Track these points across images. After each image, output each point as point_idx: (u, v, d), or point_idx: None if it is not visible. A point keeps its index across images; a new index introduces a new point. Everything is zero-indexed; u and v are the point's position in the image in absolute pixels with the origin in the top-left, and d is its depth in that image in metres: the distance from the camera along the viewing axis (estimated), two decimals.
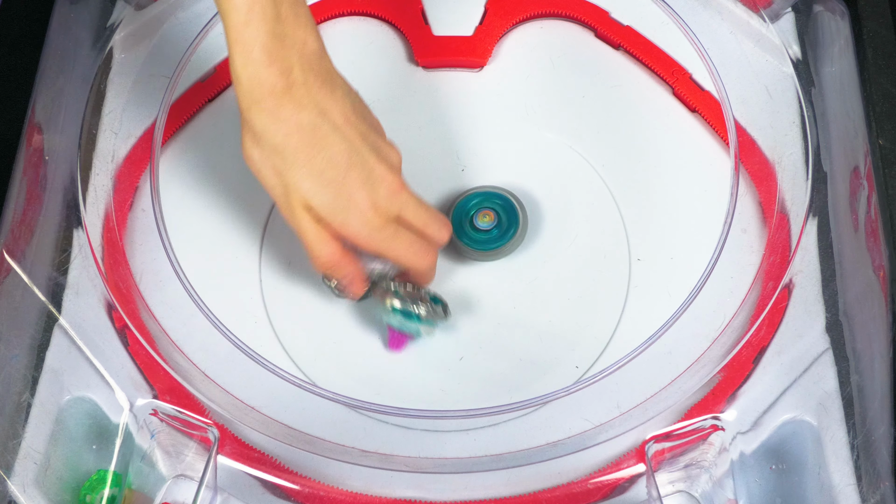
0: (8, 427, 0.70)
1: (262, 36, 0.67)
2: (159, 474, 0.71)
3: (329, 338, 0.78)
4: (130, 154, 0.82)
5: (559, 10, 0.90)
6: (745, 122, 0.83)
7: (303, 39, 0.69)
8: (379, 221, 0.71)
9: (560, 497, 0.71)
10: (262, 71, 0.68)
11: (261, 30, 0.67)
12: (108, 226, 0.79)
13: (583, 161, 0.84)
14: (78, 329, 0.74)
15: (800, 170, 0.80)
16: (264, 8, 0.67)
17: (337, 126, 0.70)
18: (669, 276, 0.79)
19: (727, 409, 0.72)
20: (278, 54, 0.68)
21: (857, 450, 0.69)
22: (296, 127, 0.69)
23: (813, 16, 0.85)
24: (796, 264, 0.76)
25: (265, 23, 0.67)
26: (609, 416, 0.73)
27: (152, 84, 0.85)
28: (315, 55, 0.70)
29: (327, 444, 0.72)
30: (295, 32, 0.68)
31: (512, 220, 0.80)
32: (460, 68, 0.89)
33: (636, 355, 0.71)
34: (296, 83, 0.69)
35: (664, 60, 0.87)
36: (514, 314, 0.79)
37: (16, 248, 0.75)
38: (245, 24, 0.67)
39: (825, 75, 0.83)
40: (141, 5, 0.87)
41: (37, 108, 0.81)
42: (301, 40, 0.69)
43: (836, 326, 0.74)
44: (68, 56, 0.84)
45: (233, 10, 0.67)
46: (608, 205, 0.83)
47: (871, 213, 0.76)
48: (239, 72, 0.68)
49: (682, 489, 0.70)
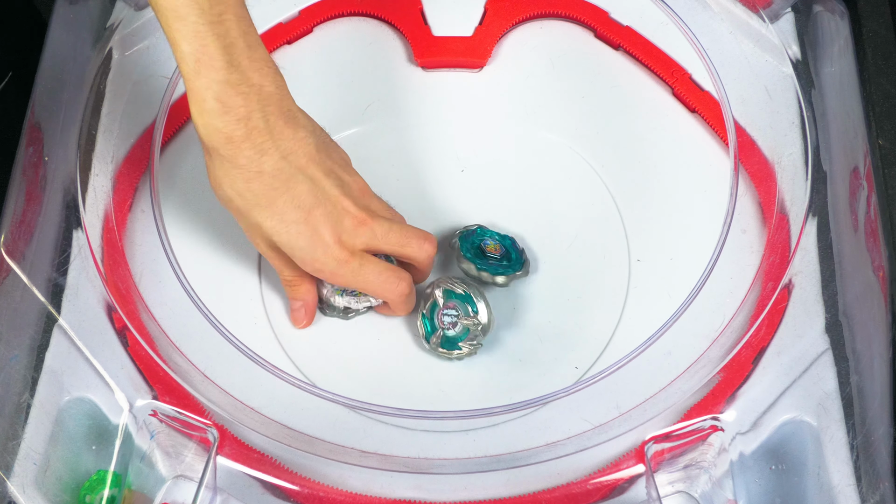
0: (8, 427, 0.70)
1: (215, 85, 0.67)
2: (159, 475, 0.71)
3: (329, 338, 0.78)
4: (130, 155, 0.82)
5: (559, 11, 0.90)
6: (745, 123, 0.83)
7: (259, 83, 0.68)
8: (344, 255, 0.72)
9: (560, 497, 0.71)
10: (217, 120, 0.67)
11: (212, 79, 0.66)
12: (108, 226, 0.79)
13: (583, 161, 0.84)
14: (77, 330, 0.74)
15: (799, 170, 0.80)
16: (213, 58, 0.66)
17: (300, 167, 0.70)
18: (669, 276, 0.79)
19: (727, 409, 0.72)
20: (233, 102, 0.67)
21: (857, 450, 0.69)
22: (256, 173, 0.69)
23: (812, 16, 0.85)
24: (796, 264, 0.76)
25: (216, 72, 0.66)
26: (608, 416, 0.73)
27: (152, 84, 0.85)
28: (274, 97, 0.69)
29: (327, 445, 0.72)
30: (251, 77, 0.68)
31: (516, 259, 0.80)
32: (460, 68, 0.89)
33: (636, 356, 0.71)
34: (256, 129, 0.68)
35: (664, 61, 0.87)
36: (513, 314, 0.79)
37: (15, 248, 0.75)
38: (195, 73, 0.66)
39: (825, 75, 0.83)
40: (141, 5, 0.87)
41: (37, 108, 0.81)
42: (258, 85, 0.68)
43: (835, 327, 0.74)
44: (68, 56, 0.84)
45: (181, 61, 0.66)
46: (608, 205, 0.83)
47: (871, 213, 0.76)
48: (196, 120, 0.68)
49: (681, 489, 0.70)
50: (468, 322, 0.76)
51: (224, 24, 0.66)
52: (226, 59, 0.67)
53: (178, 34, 0.66)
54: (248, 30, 0.68)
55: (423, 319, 0.76)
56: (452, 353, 0.76)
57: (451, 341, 0.76)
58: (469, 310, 0.76)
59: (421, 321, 0.76)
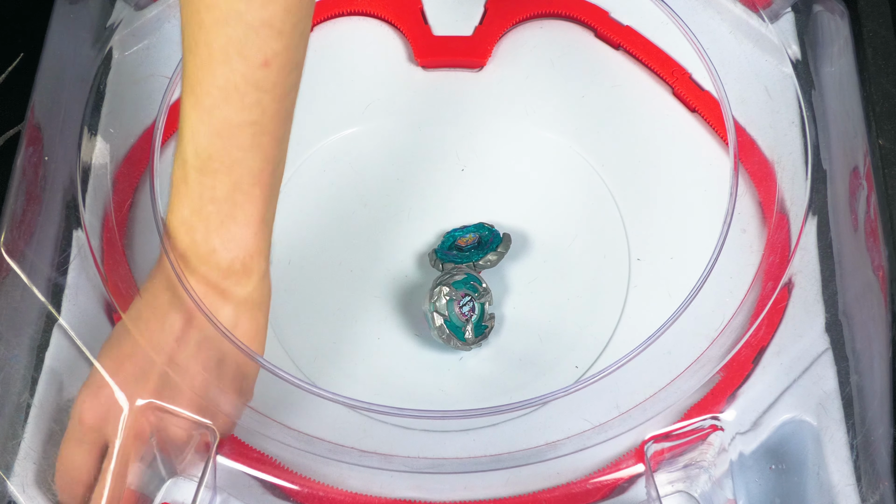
0: (7, 427, 0.70)
1: (185, 210, 0.66)
2: (159, 474, 0.71)
3: (329, 338, 0.78)
4: (130, 154, 0.82)
5: (559, 10, 0.90)
6: (745, 122, 0.83)
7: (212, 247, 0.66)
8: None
9: (559, 497, 0.71)
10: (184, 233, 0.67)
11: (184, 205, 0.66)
12: (108, 226, 0.79)
13: (583, 161, 0.84)
14: (77, 329, 0.74)
15: (799, 169, 0.80)
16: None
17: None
18: (669, 275, 0.79)
19: (726, 409, 0.72)
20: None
21: (857, 450, 0.69)
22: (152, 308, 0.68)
23: (812, 16, 0.85)
24: (796, 264, 0.76)
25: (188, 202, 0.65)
26: (608, 416, 0.73)
27: (152, 84, 0.85)
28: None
29: (326, 445, 0.72)
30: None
31: (493, 238, 0.80)
32: (460, 68, 0.89)
33: (636, 355, 0.71)
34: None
35: (664, 60, 0.87)
36: (513, 314, 0.79)
37: (15, 248, 0.75)
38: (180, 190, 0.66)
39: (825, 75, 0.83)
40: (141, 5, 0.87)
41: (36, 108, 0.81)
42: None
43: (835, 326, 0.74)
44: (68, 56, 0.84)
45: (180, 167, 0.65)
46: (608, 205, 0.83)
47: (871, 212, 0.76)
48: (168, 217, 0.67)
49: (681, 489, 0.70)
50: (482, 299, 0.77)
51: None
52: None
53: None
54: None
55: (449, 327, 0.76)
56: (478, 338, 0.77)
57: (478, 327, 0.77)
58: (476, 286, 0.77)
59: (448, 332, 0.76)
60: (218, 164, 0.63)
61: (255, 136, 0.63)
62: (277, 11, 0.60)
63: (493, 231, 0.80)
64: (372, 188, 0.84)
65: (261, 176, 0.64)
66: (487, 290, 0.78)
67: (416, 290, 0.80)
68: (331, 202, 0.83)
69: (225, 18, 0.60)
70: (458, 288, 0.77)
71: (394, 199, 0.83)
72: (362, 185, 0.84)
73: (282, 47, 0.61)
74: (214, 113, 0.62)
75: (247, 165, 0.63)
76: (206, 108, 0.62)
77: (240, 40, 0.60)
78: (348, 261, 0.81)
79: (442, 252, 0.79)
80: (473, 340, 0.76)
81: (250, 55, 0.60)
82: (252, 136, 0.63)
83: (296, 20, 0.62)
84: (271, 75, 0.61)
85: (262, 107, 0.62)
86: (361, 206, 0.83)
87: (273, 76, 0.62)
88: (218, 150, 0.63)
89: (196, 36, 0.61)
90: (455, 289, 0.76)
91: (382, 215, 0.83)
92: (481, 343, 0.77)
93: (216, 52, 0.60)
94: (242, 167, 0.63)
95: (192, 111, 0.62)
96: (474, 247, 0.79)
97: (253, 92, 0.61)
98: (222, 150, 0.63)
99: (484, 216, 0.82)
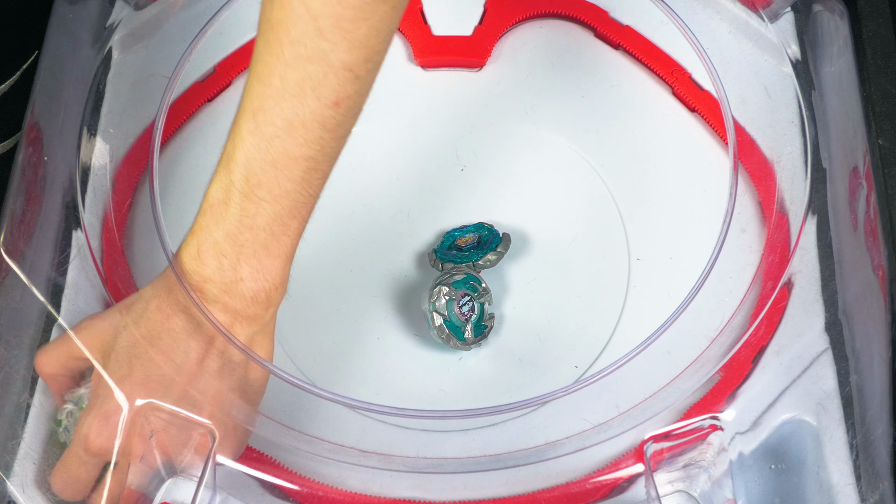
0: (7, 427, 0.70)
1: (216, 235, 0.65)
2: (158, 474, 0.71)
3: (329, 338, 0.78)
4: (129, 154, 0.82)
5: (559, 10, 0.90)
6: (745, 122, 0.83)
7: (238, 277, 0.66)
8: None
9: (559, 497, 0.71)
10: (190, 260, 0.67)
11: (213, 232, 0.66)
12: (107, 226, 0.79)
13: (582, 161, 0.84)
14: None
15: (799, 169, 0.80)
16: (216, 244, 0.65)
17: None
18: (669, 275, 0.79)
19: (726, 408, 0.72)
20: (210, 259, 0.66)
21: (857, 449, 0.69)
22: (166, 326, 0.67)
23: (812, 15, 0.85)
24: (795, 264, 0.76)
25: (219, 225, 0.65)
26: (608, 415, 0.73)
27: (152, 84, 0.85)
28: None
29: (326, 445, 0.72)
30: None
31: (492, 238, 0.80)
32: (460, 68, 0.89)
33: (635, 355, 0.71)
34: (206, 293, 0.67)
35: (664, 60, 0.87)
36: (513, 314, 0.79)
37: (15, 248, 0.75)
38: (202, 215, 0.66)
39: (824, 75, 0.83)
40: (140, 5, 0.87)
41: (36, 108, 0.81)
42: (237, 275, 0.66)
43: (835, 326, 0.74)
44: (67, 56, 0.84)
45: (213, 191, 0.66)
46: (608, 205, 0.83)
47: (871, 212, 0.76)
48: (183, 240, 0.67)
49: (680, 489, 0.70)
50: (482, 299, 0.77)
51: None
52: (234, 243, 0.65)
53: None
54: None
55: (449, 327, 0.76)
56: (478, 338, 0.77)
57: (477, 327, 0.77)
58: (476, 286, 0.77)
59: (448, 332, 0.76)
60: (265, 193, 0.64)
61: (308, 171, 0.64)
62: (359, 58, 0.61)
63: (492, 231, 0.80)
64: (372, 188, 0.84)
65: (301, 210, 0.65)
66: (487, 290, 0.78)
67: (416, 290, 0.80)
68: (331, 202, 0.83)
69: (308, 56, 0.60)
70: (457, 288, 0.77)
71: (394, 199, 0.83)
72: (362, 185, 0.84)
73: (354, 91, 0.62)
74: (274, 143, 0.62)
75: (292, 198, 0.64)
76: (265, 136, 0.62)
77: (318, 79, 0.61)
78: (348, 261, 0.81)
79: (442, 252, 0.79)
80: (473, 340, 0.76)
81: (324, 94, 0.61)
82: (305, 171, 0.63)
83: (372, 66, 0.63)
84: (338, 116, 0.62)
85: (321, 144, 0.63)
86: (361, 206, 0.83)
87: (339, 117, 0.63)
88: (269, 180, 0.63)
89: (272, 67, 0.61)
90: (455, 289, 0.76)
91: (382, 215, 0.83)
92: (481, 343, 0.77)
93: (290, 86, 0.61)
94: (288, 199, 0.64)
95: (249, 136, 0.63)
96: (474, 247, 0.79)
97: (318, 129, 0.62)
98: (273, 180, 0.63)
99: (483, 216, 0.82)
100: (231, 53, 0.88)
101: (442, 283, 0.76)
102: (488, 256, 0.78)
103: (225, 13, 0.84)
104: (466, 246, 0.79)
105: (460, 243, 0.79)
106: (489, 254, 0.78)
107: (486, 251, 0.78)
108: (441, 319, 0.76)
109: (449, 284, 0.76)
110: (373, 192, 0.84)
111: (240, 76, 0.88)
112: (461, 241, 0.80)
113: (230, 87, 0.87)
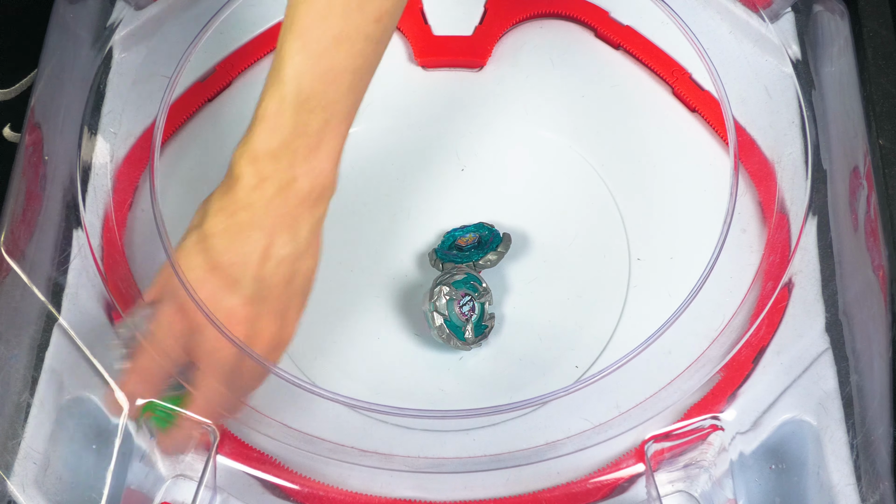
0: (8, 427, 0.70)
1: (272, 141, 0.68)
2: (159, 474, 0.71)
3: (329, 338, 0.78)
4: (130, 154, 0.82)
5: (559, 10, 0.90)
6: (745, 122, 0.83)
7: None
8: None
9: (559, 497, 0.71)
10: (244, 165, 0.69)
11: (273, 137, 0.68)
12: (108, 226, 0.79)
13: (583, 161, 0.84)
14: (77, 329, 0.74)
15: (799, 169, 0.80)
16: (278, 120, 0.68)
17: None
18: (669, 275, 0.79)
19: (727, 408, 0.72)
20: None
21: (857, 449, 0.69)
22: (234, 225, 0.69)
23: (812, 16, 0.85)
24: (796, 264, 0.76)
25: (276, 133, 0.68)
26: (608, 415, 0.73)
27: (152, 84, 0.84)
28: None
29: (327, 444, 0.72)
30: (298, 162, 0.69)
31: (493, 237, 0.80)
32: (460, 68, 0.89)
33: (636, 355, 0.71)
34: (260, 199, 0.69)
35: (664, 60, 0.87)
36: (513, 314, 0.79)
37: (15, 248, 0.75)
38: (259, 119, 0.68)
39: (825, 75, 0.83)
40: (141, 5, 0.87)
41: (36, 108, 0.81)
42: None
43: (835, 326, 0.74)
44: (68, 56, 0.84)
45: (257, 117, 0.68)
46: (608, 205, 0.83)
47: (871, 212, 0.76)
48: (236, 150, 0.69)
49: (681, 489, 0.70)
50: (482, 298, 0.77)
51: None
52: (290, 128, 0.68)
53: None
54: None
55: (449, 327, 0.76)
56: (478, 338, 0.77)
57: (478, 327, 0.77)
58: (476, 286, 0.77)
59: (448, 332, 0.76)
60: (315, 104, 0.68)
61: (354, 81, 0.69)
62: None
63: (493, 231, 0.80)
64: (372, 188, 0.84)
65: (349, 114, 0.70)
66: (487, 290, 0.78)
67: (416, 289, 0.80)
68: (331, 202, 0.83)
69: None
70: (458, 288, 0.77)
71: (394, 199, 0.83)
72: (362, 185, 0.84)
73: (393, 6, 0.68)
74: (323, 58, 0.67)
75: (341, 105, 0.69)
76: (314, 53, 0.67)
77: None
78: (348, 261, 0.81)
79: (442, 252, 0.79)
80: (473, 340, 0.76)
81: (368, 11, 0.67)
82: (351, 81, 0.68)
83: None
84: (379, 30, 0.68)
85: (365, 55, 0.69)
86: (361, 206, 0.83)
87: (381, 30, 0.68)
88: (319, 92, 0.68)
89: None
90: (455, 288, 0.76)
91: (382, 215, 0.83)
92: (481, 343, 0.77)
93: (336, 6, 0.67)
94: (337, 106, 0.69)
95: (297, 55, 0.67)
96: (474, 246, 0.79)
97: (362, 42, 0.68)
98: (322, 92, 0.68)
99: (484, 216, 0.82)
100: (231, 53, 0.88)
101: (442, 282, 0.76)
102: (489, 256, 0.78)
103: (225, 13, 0.84)
104: (467, 246, 0.79)
105: (461, 243, 0.79)
106: (490, 254, 0.78)
107: (487, 251, 0.78)
108: (441, 319, 0.76)
109: (449, 284, 0.76)
110: (373, 192, 0.84)
111: (240, 76, 0.88)
112: (462, 241, 0.80)
113: (230, 87, 0.87)
